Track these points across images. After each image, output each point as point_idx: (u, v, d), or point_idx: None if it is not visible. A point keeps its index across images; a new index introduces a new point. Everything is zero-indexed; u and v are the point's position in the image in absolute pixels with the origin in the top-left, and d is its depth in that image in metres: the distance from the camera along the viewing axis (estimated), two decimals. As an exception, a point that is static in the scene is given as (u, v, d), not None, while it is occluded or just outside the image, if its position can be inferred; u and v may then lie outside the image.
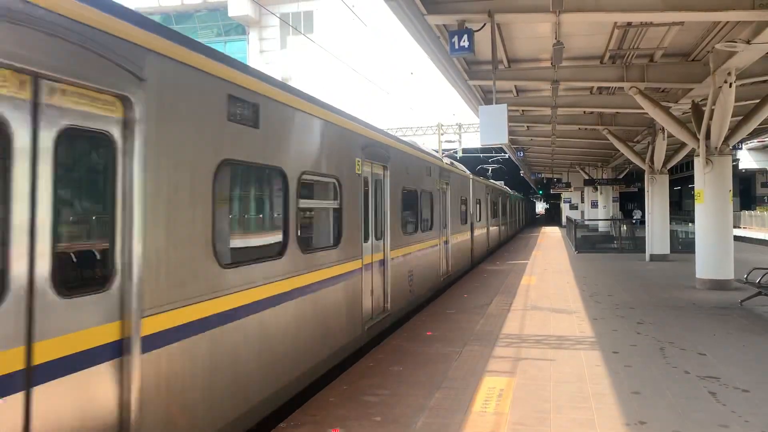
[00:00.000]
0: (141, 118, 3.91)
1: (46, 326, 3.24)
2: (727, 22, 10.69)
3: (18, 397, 3.06)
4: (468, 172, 19.42)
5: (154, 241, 4.04)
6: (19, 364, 3.08)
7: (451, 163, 16.73)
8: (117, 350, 3.73)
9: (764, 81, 13.81)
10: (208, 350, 4.61)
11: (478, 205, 20.67)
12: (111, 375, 3.68)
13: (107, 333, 3.67)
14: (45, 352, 3.22)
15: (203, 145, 4.66)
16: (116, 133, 3.79)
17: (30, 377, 3.13)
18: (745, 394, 6.21)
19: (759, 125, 14.71)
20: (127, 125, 3.85)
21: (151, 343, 3.97)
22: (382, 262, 9.57)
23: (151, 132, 4.02)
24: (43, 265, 3.24)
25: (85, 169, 3.92)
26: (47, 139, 3.27)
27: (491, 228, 25.57)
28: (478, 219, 20.66)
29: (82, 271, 3.73)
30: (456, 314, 10.88)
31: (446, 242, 15.03)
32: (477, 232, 20.58)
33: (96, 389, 3.57)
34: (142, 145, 3.91)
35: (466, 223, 18.06)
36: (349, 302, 7.86)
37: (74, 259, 3.66)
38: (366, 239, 8.70)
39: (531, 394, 6.27)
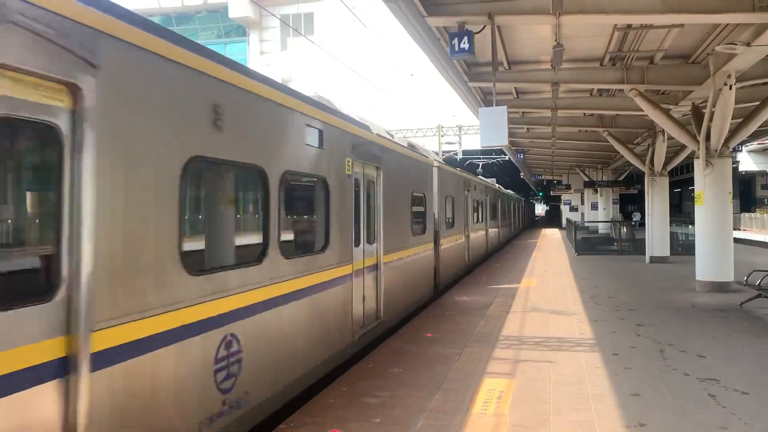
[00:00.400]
0: (92, 108, 3.48)
1: None
2: (727, 24, 10.69)
3: None
4: (431, 156, 15.13)
5: (108, 246, 3.60)
6: None
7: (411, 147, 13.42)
8: (62, 368, 3.30)
9: (764, 83, 13.82)
10: (173, 366, 4.17)
11: (450, 205, 16.03)
12: (55, 396, 3.26)
13: (51, 349, 3.24)
14: None
15: (168, 140, 4.22)
16: (64, 124, 3.36)
17: None
18: (744, 396, 6.21)
19: (759, 127, 14.72)
20: (76, 116, 3.42)
21: (103, 360, 3.51)
22: (375, 267, 9.23)
23: (105, 124, 3.59)
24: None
25: (27, 165, 3.57)
26: None
27: (472, 234, 20.14)
28: (449, 224, 15.82)
29: (21, 279, 3.34)
30: (456, 316, 10.88)
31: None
32: (447, 243, 15.54)
33: (36, 412, 3.15)
34: (94, 138, 3.49)
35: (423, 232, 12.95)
36: (338, 310, 7.48)
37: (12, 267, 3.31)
38: (357, 243, 8.34)
39: (531, 395, 6.27)
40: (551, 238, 39.86)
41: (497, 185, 31.47)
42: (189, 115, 4.46)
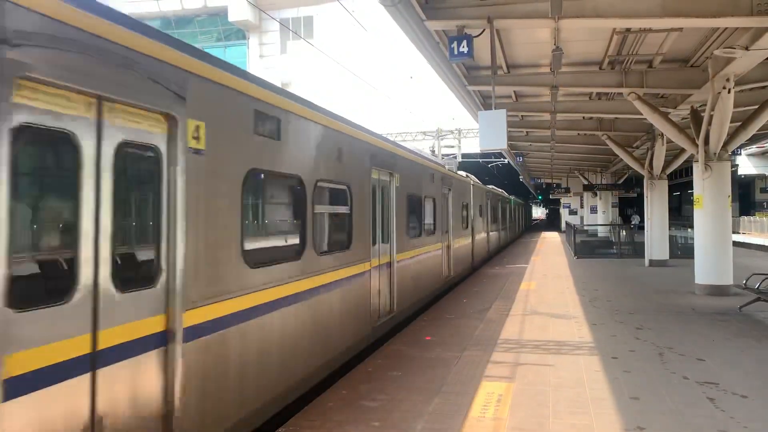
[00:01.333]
0: (182, 133, 4.31)
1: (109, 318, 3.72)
2: (726, 28, 10.72)
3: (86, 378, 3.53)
4: (440, 163, 16.12)
5: (194, 244, 4.47)
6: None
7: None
8: (163, 339, 4.17)
9: (763, 87, 13.85)
10: (240, 341, 5.06)
11: (457, 209, 16.67)
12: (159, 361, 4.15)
13: (155, 324, 4.12)
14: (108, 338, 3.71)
15: (234, 156, 5.08)
16: (163, 146, 4.21)
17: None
18: (743, 399, 6.21)
19: (758, 131, 14.71)
20: (171, 139, 4.25)
21: (193, 333, 4.41)
22: (389, 265, 9.94)
23: (191, 146, 4.44)
24: (105, 267, 3.69)
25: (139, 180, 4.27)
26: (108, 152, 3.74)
27: (476, 236, 20.74)
28: (456, 227, 16.46)
29: (134, 269, 4.08)
30: (455, 319, 10.88)
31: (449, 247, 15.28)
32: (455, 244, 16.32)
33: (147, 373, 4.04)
34: (183, 158, 4.33)
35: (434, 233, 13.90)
36: (360, 302, 8.31)
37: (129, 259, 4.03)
38: (374, 243, 9.10)
39: (530, 399, 6.27)
40: (551, 241, 39.88)
41: (499, 190, 31.59)
42: (246, 135, 5.32)
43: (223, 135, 4.90)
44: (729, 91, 12.13)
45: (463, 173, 19.10)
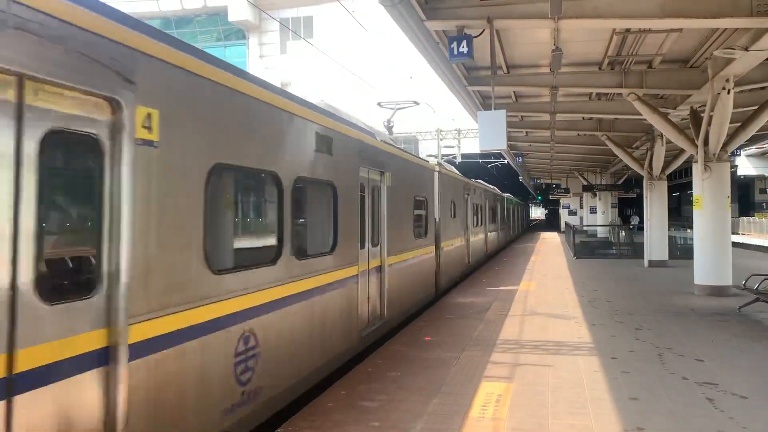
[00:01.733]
0: (130, 122, 3.79)
1: (31, 333, 3.15)
2: (726, 29, 10.73)
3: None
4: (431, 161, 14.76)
5: (143, 247, 3.92)
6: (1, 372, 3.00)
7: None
8: (104, 358, 3.61)
9: (762, 88, 13.87)
10: (198, 358, 4.48)
11: (451, 209, 15.94)
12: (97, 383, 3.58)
13: (93, 340, 3.54)
14: (28, 360, 3.13)
15: (195, 148, 4.54)
16: (104, 135, 3.67)
17: (11, 386, 3.04)
18: (743, 400, 6.21)
19: (757, 132, 14.72)
20: (115, 128, 3.73)
21: (138, 351, 3.82)
22: (379, 269, 9.52)
23: (140, 137, 3.89)
24: (27, 272, 3.13)
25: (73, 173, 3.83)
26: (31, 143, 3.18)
27: (472, 238, 19.77)
28: (450, 227, 15.78)
29: (67, 277, 3.66)
30: (454, 319, 10.88)
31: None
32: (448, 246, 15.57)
33: (81, 398, 3.46)
34: (131, 149, 3.81)
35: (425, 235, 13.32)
36: (345, 309, 7.75)
37: (59, 266, 3.61)
38: (363, 245, 8.65)
39: (529, 399, 6.27)
40: (550, 241, 39.89)
41: (493, 188, 31.33)
42: (210, 125, 4.80)
43: (181, 124, 4.36)
44: (728, 92, 12.13)
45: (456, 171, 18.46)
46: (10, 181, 3.09)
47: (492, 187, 29.70)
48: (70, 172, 3.83)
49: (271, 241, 5.95)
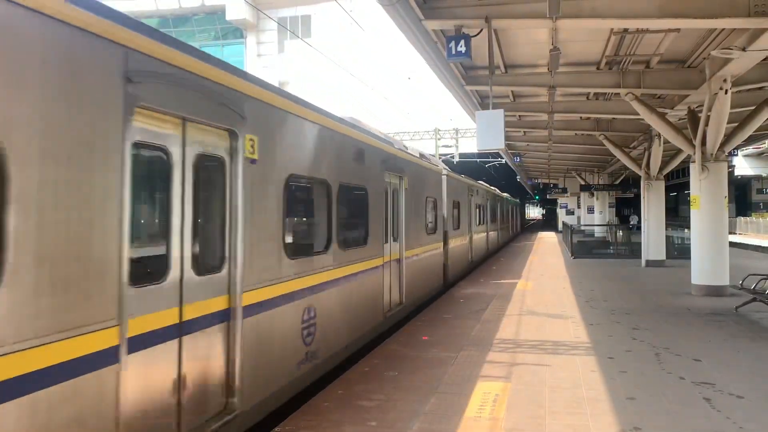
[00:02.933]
0: (242, 145, 5.23)
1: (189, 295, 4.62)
2: (723, 29, 10.74)
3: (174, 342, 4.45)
4: (440, 165, 16.18)
5: (249, 237, 5.36)
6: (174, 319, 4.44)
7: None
8: (226, 315, 5.11)
9: (760, 88, 13.87)
10: (280, 321, 5.98)
11: (456, 209, 17.26)
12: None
13: (221, 303, 5.04)
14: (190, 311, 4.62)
15: (278, 163, 6.00)
16: (226, 156, 5.15)
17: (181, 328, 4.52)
18: (740, 400, 6.21)
19: (754, 132, 14.75)
20: (233, 150, 5.20)
21: (247, 312, 5.29)
22: (399, 261, 10.81)
23: (248, 156, 5.38)
24: (184, 255, 4.55)
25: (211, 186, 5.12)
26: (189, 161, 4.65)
27: (474, 236, 20.98)
28: (456, 226, 17.12)
29: (207, 258, 4.95)
30: (452, 319, 10.87)
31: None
32: (454, 243, 16.95)
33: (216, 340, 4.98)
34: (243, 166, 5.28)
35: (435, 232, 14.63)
36: (374, 293, 9.20)
37: (203, 250, 4.89)
38: (386, 240, 9.94)
39: (526, 399, 6.27)
40: (547, 241, 39.91)
41: (494, 188, 31.33)
42: (288, 144, 6.28)
43: (270, 146, 5.81)
44: (726, 92, 12.14)
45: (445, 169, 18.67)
46: (178, 189, 4.49)
47: (492, 187, 29.83)
48: (209, 183, 5.00)
49: (324, 234, 7.35)
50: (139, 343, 4.00)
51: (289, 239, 6.20)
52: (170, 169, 4.42)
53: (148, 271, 4.22)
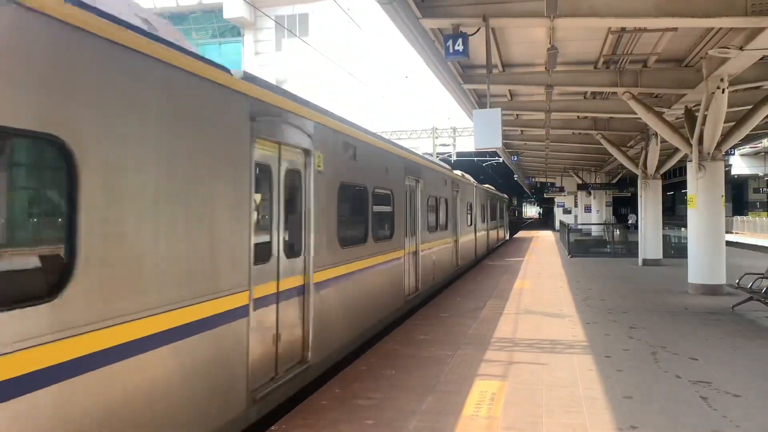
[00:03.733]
0: (313, 160, 6.78)
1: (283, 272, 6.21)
2: (720, 28, 10.75)
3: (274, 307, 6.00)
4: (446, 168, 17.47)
5: (317, 231, 6.86)
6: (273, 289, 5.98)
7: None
8: (301, 290, 6.61)
9: (757, 87, 13.89)
10: (338, 296, 7.60)
11: (464, 207, 19.09)
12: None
13: (299, 280, 6.57)
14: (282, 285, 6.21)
15: (334, 173, 7.48)
16: (302, 169, 6.69)
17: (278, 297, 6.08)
18: (736, 398, 6.23)
19: (751, 131, 14.75)
20: (307, 163, 6.77)
21: (316, 288, 6.82)
22: (415, 253, 12.20)
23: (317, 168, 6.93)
24: (280, 243, 6.09)
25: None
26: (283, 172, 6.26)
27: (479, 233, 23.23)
28: (464, 223, 19.08)
29: (293, 246, 6.47)
30: (449, 318, 10.88)
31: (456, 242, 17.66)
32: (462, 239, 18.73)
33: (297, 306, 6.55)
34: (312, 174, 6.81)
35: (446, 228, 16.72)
36: (397, 280, 10.66)
37: (291, 241, 6.41)
38: (406, 235, 11.29)
39: (523, 398, 6.27)
40: (545, 240, 39.92)
41: (494, 189, 31.46)
42: (339, 158, 7.77)
43: (330, 160, 7.27)
44: (723, 91, 12.15)
45: (458, 173, 19.34)
46: (276, 196, 6.04)
47: (493, 188, 30.08)
48: (293, 190, 6.51)
49: (363, 228, 8.86)
50: (259, 303, 5.58)
51: (340, 231, 7.64)
52: (272, 179, 5.99)
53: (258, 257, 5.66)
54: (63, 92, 3.35)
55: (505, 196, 39.92)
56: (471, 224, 20.95)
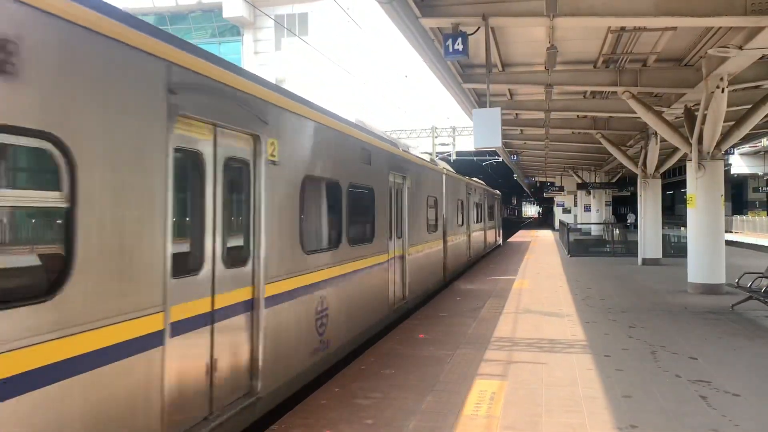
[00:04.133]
0: (264, 148, 5.64)
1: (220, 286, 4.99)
2: (720, 27, 10.74)
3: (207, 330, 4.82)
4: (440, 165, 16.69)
5: (270, 234, 5.75)
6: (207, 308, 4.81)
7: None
8: (249, 305, 5.47)
9: (756, 86, 13.88)
10: (295, 312, 6.36)
11: (456, 207, 17.90)
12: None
13: (246, 293, 5.43)
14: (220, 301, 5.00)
15: (296, 165, 6.39)
16: (250, 158, 5.55)
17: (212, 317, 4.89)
18: (735, 398, 6.22)
19: (751, 130, 14.73)
20: (257, 152, 5.61)
21: (267, 303, 5.65)
22: (402, 258, 11.21)
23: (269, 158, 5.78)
24: (215, 250, 4.90)
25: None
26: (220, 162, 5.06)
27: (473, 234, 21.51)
28: (456, 223, 17.80)
29: (234, 253, 5.27)
30: (449, 317, 10.88)
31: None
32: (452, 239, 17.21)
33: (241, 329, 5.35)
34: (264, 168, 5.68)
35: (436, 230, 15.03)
36: (380, 287, 9.71)
37: (233, 246, 5.26)
38: (390, 237, 10.36)
39: (523, 397, 6.27)
40: (544, 240, 39.92)
41: (491, 189, 30.73)
42: (305, 147, 6.75)
43: (288, 149, 6.17)
44: (723, 91, 12.15)
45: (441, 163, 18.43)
46: (210, 191, 4.86)
47: (490, 187, 29.68)
48: (234, 185, 5.36)
49: (336, 231, 7.77)
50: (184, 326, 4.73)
51: (304, 235, 6.66)
52: (203, 171, 5.02)
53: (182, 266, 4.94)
54: None
55: (497, 192, 34.57)
56: (465, 224, 19.45)
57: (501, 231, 36.26)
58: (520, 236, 45.24)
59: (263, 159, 5.59)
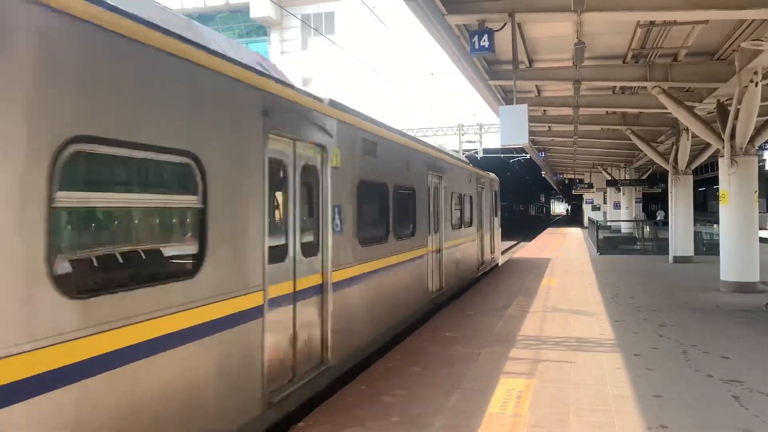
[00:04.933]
0: (330, 157, 6.64)
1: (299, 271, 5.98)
2: (754, 20, 10.50)
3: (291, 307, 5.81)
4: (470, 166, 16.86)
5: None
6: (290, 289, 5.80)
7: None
8: (319, 289, 6.44)
9: (791, 80, 13.55)
10: (364, 292, 7.59)
11: (491, 202, 19.16)
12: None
13: (318, 278, 6.42)
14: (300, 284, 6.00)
15: (352, 170, 7.33)
16: (319, 166, 6.55)
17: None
18: (769, 398, 6.10)
19: (786, 125, 14.42)
20: (323, 160, 6.60)
21: (334, 287, 6.65)
22: (439, 251, 11.97)
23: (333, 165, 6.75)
24: (297, 244, 5.94)
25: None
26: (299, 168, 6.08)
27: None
28: (488, 220, 18.46)
29: (308, 244, 6.25)
30: (475, 316, 10.84)
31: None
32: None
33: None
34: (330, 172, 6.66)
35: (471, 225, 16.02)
36: (421, 277, 10.58)
37: (307, 240, 6.24)
38: (428, 232, 11.14)
39: (550, 396, 6.23)
40: (573, 237, 39.47)
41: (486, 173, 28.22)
42: (357, 155, 7.63)
43: (347, 156, 7.11)
44: (756, 85, 11.91)
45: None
46: (291, 194, 5.90)
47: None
48: (309, 188, 6.40)
49: (385, 226, 8.72)
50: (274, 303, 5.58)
51: (359, 230, 7.53)
52: (287, 175, 6.02)
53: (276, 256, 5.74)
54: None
55: (492, 175, 22.41)
56: (496, 221, 20.30)
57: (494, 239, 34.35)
58: (548, 233, 44.78)
59: (329, 166, 6.57)
